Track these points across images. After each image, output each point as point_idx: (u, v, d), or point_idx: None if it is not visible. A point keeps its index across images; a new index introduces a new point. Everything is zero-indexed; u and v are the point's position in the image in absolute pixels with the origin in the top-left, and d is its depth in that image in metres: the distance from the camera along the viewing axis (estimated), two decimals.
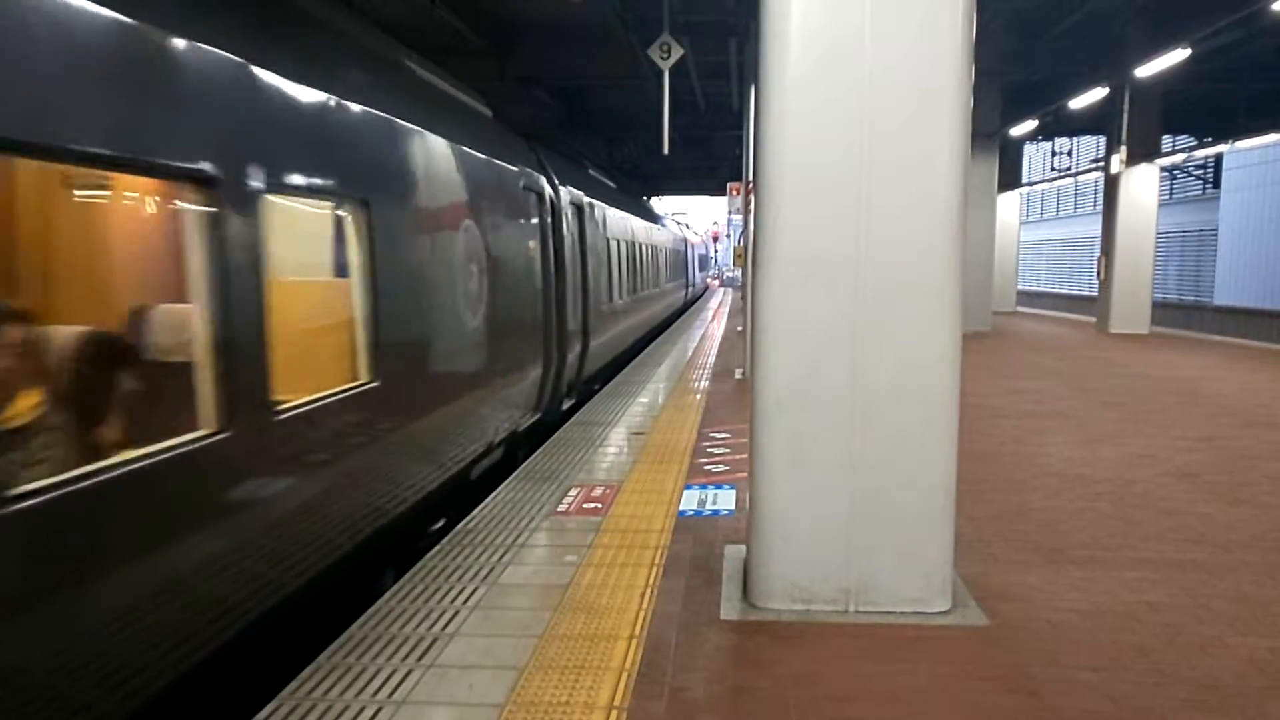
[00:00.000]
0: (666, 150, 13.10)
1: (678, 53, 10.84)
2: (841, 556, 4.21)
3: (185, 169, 3.28)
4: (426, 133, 5.68)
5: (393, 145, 5.15)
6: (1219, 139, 20.71)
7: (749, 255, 11.79)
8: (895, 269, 4.07)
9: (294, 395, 3.98)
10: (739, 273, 20.89)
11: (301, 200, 4.39)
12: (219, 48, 3.53)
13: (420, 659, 3.73)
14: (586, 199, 11.25)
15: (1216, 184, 30.70)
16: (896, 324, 4.10)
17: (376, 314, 4.71)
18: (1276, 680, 3.56)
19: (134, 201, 3.73)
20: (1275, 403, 10.25)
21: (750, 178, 12.02)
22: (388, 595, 4.44)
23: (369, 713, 3.29)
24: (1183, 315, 25.73)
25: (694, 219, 59.48)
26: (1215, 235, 30.94)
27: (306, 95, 4.22)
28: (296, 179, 4.10)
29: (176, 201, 3.43)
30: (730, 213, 17.59)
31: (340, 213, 4.64)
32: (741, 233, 14.52)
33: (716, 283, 58.22)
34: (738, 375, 12.49)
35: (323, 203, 4.55)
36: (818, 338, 4.13)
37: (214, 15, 3.69)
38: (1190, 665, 3.69)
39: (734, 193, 15.93)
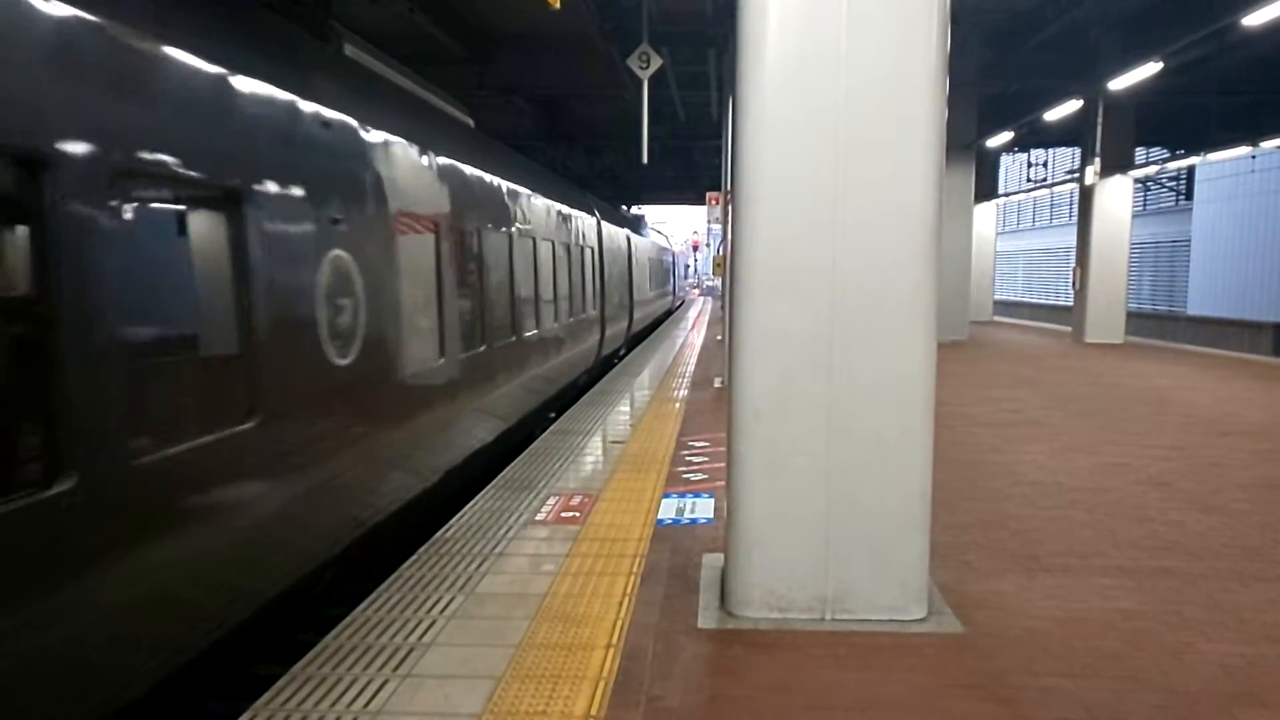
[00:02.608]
0: (646, 160, 13.13)
1: (656, 63, 10.88)
2: (818, 564, 4.22)
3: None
4: None
5: None
6: (1191, 151, 21.00)
7: (727, 264, 11.84)
8: (871, 278, 4.10)
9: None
10: (719, 281, 20.18)
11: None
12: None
13: (396, 669, 3.71)
14: None
15: (1189, 195, 31.10)
16: (872, 333, 4.13)
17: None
18: (1246, 686, 3.60)
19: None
20: (1246, 412, 10.38)
21: (728, 187, 12.06)
22: (364, 605, 4.41)
23: None
24: (1156, 325, 26.02)
25: (674, 228, 58.96)
26: (1188, 246, 31.32)
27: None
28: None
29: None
30: (710, 222, 17.61)
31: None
32: (721, 242, 14.55)
33: (696, 291, 58.45)
34: (717, 384, 12.51)
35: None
36: (795, 346, 4.15)
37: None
38: (1162, 672, 3.73)
39: (713, 202, 16.00)
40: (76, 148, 3.01)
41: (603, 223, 16.00)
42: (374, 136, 5.52)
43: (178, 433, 3.54)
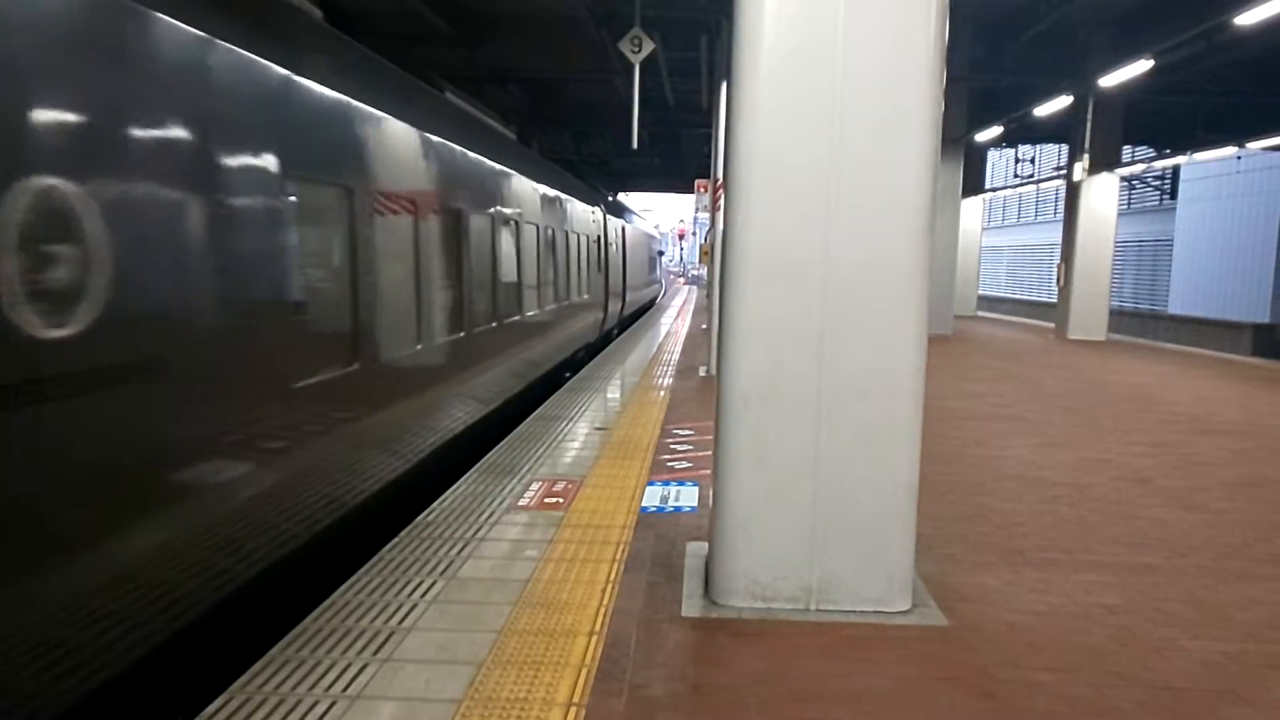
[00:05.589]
0: (635, 146, 13.06)
1: (649, 47, 10.80)
2: (804, 554, 4.20)
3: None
4: None
5: None
6: (1177, 151, 21.08)
7: (717, 253, 11.82)
8: (863, 269, 4.06)
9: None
10: (704, 270, 19.83)
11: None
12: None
13: (376, 653, 3.66)
14: None
15: (1173, 195, 31.24)
16: (863, 323, 4.09)
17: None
18: (1229, 683, 3.60)
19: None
20: (1227, 410, 10.43)
21: (719, 175, 12.02)
22: (343, 588, 4.36)
23: (322, 707, 3.22)
24: (1138, 323, 26.17)
25: (661, 216, 58.37)
26: (1171, 245, 31.49)
27: None
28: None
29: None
30: (697, 210, 17.52)
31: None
32: (708, 230, 14.52)
33: (682, 281, 58.52)
34: (702, 372, 12.49)
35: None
36: (784, 336, 4.12)
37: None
38: (1145, 667, 3.73)
39: (701, 189, 15.94)
40: None
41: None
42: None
43: None
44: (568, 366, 13.29)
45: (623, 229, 21.90)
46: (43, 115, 2.87)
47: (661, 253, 43.70)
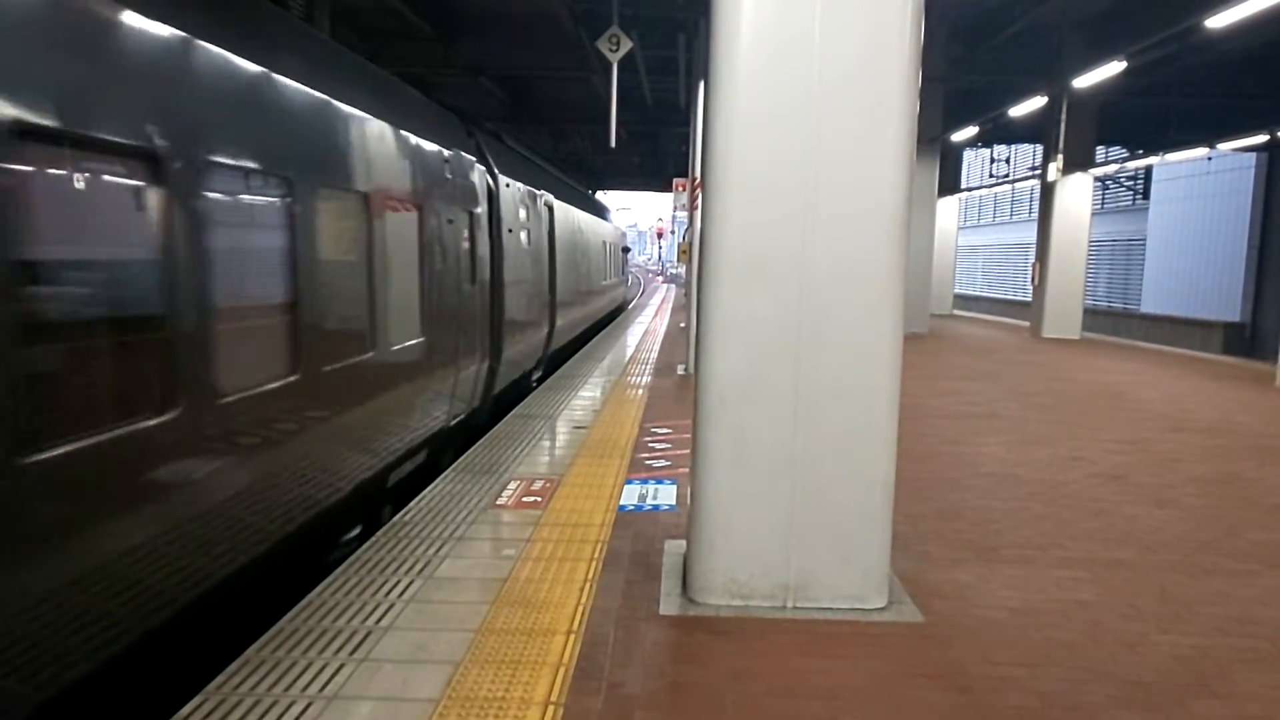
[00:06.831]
0: (614, 144, 13.05)
1: (626, 45, 10.81)
2: (781, 552, 4.22)
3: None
4: None
5: None
6: (1150, 151, 21.33)
7: (695, 252, 11.84)
8: (840, 269, 4.09)
9: None
10: (683, 268, 19.57)
11: None
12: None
13: (353, 653, 3.65)
14: None
15: (1146, 195, 31.56)
16: (840, 323, 4.12)
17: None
18: (1199, 678, 3.65)
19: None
20: (1198, 408, 10.56)
21: (697, 175, 12.03)
22: (319, 588, 4.34)
23: (298, 708, 3.21)
24: (1111, 322, 26.44)
25: (639, 214, 58.16)
26: (1144, 245, 31.82)
27: None
28: None
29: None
30: (676, 209, 17.49)
31: None
32: (686, 229, 14.53)
33: (661, 279, 58.59)
34: (680, 371, 12.51)
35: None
36: (762, 335, 4.13)
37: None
38: (1117, 662, 3.77)
39: (679, 188, 15.93)
40: None
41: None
42: None
43: None
44: (360, 502, 6.02)
45: (547, 206, 13.48)
46: None
47: (627, 249, 34.66)
